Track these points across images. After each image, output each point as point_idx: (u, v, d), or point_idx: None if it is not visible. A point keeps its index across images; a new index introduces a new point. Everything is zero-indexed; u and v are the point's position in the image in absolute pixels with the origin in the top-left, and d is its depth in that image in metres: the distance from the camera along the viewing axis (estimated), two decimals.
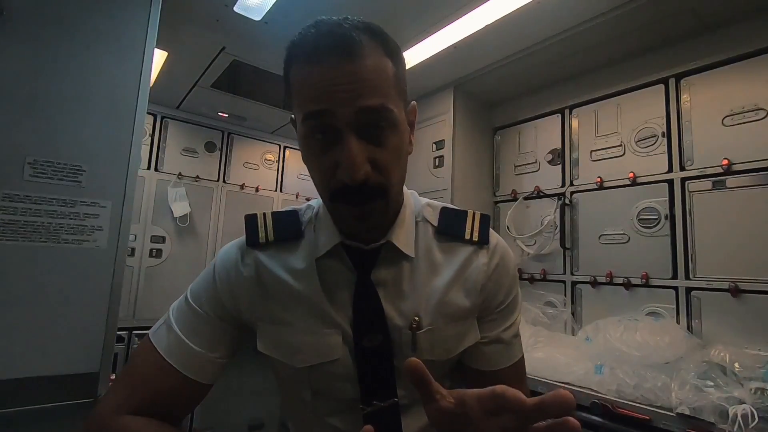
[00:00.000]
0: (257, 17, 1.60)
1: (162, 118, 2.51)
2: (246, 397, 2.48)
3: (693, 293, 1.51)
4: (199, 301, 0.63)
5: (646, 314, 1.58)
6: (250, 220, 0.65)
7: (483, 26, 1.60)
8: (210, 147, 2.69)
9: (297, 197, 3.03)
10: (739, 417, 1.01)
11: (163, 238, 2.44)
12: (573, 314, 1.83)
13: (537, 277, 1.98)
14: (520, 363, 0.68)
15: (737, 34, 1.48)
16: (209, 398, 0.65)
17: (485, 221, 0.66)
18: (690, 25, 1.54)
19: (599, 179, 1.80)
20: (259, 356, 0.64)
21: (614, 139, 1.79)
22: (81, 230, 1.14)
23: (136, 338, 2.25)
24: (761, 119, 1.41)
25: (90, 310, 1.14)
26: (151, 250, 2.39)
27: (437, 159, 2.14)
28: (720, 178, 1.48)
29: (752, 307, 1.37)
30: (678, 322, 1.51)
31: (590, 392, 1.32)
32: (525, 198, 2.10)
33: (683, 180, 1.57)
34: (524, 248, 2.04)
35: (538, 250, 1.98)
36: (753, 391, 1.09)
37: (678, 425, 1.12)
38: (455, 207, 0.68)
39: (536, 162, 2.09)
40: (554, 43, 1.67)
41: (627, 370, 1.29)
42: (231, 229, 2.68)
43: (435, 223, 0.66)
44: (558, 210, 1.92)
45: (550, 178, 2.01)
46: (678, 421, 1.12)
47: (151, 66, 1.28)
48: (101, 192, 1.17)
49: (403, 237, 0.62)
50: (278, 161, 2.98)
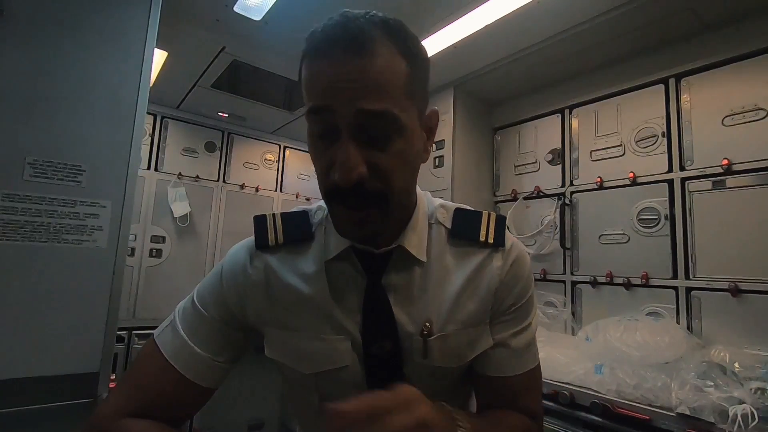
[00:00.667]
0: (257, 17, 1.60)
1: (162, 118, 2.52)
2: (246, 397, 2.48)
3: (693, 293, 1.51)
4: (206, 304, 0.62)
5: (646, 314, 1.58)
6: (260, 222, 0.63)
7: (483, 26, 1.60)
8: (210, 147, 2.69)
9: (297, 197, 3.03)
10: (739, 417, 1.01)
11: (163, 238, 2.44)
12: (573, 314, 1.83)
13: (537, 277, 1.98)
14: (533, 373, 0.63)
15: (737, 34, 1.48)
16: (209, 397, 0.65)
17: (501, 223, 0.63)
18: (690, 25, 1.54)
19: (599, 179, 1.80)
20: (261, 356, 0.64)
21: (614, 139, 1.79)
22: (81, 230, 1.13)
23: (136, 338, 2.26)
24: (761, 119, 1.41)
25: (90, 310, 1.14)
26: (151, 250, 2.39)
27: (437, 159, 2.14)
28: (720, 178, 1.48)
29: (752, 307, 1.37)
30: (678, 322, 1.51)
31: (590, 392, 1.32)
32: (525, 198, 2.10)
33: (683, 180, 1.57)
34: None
35: (538, 250, 1.98)
36: (753, 391, 1.09)
37: (678, 425, 1.12)
38: (470, 208, 0.65)
39: (536, 162, 2.09)
40: (554, 43, 1.67)
41: (627, 370, 1.29)
42: (231, 229, 2.68)
43: (448, 226, 0.63)
44: (558, 210, 1.92)
45: (550, 178, 2.01)
46: (678, 421, 1.12)
47: (151, 66, 1.28)
48: (101, 192, 1.17)
49: (416, 241, 0.60)
50: (278, 161, 2.98)
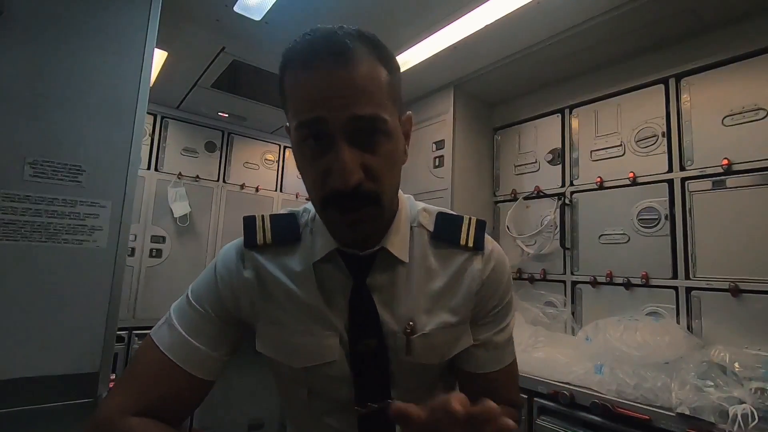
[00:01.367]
0: (257, 17, 1.61)
1: (162, 118, 2.52)
2: (246, 397, 2.48)
3: (693, 293, 1.50)
4: (200, 301, 0.64)
5: (646, 314, 1.58)
6: (249, 222, 0.66)
7: (483, 26, 1.60)
8: (210, 147, 2.69)
9: (297, 197, 3.03)
10: (739, 417, 1.01)
11: (163, 238, 2.44)
12: (573, 314, 1.83)
13: (537, 277, 1.98)
14: (512, 366, 0.69)
15: (737, 34, 1.48)
16: (209, 398, 0.65)
17: (480, 227, 0.66)
18: (690, 25, 1.54)
19: (599, 179, 1.80)
20: (259, 356, 0.64)
21: (614, 139, 1.79)
22: (81, 230, 1.13)
23: (136, 338, 2.26)
24: (761, 119, 1.41)
25: (90, 310, 1.14)
26: (151, 250, 2.39)
27: (437, 159, 2.14)
28: (720, 178, 1.48)
29: (752, 307, 1.37)
30: (678, 322, 1.51)
31: (590, 392, 1.32)
32: (525, 198, 2.10)
33: (683, 180, 1.57)
34: (524, 248, 2.04)
35: (538, 250, 1.98)
36: (753, 391, 1.09)
37: (678, 425, 1.12)
38: (452, 212, 0.68)
39: (536, 162, 2.09)
40: (554, 43, 1.67)
41: (627, 370, 1.29)
42: (231, 229, 2.68)
43: (431, 229, 0.66)
44: (558, 210, 1.92)
45: (550, 178, 2.01)
46: (678, 421, 1.12)
47: (151, 66, 1.28)
48: (101, 192, 1.17)
49: (398, 243, 0.62)
50: (278, 161, 2.98)
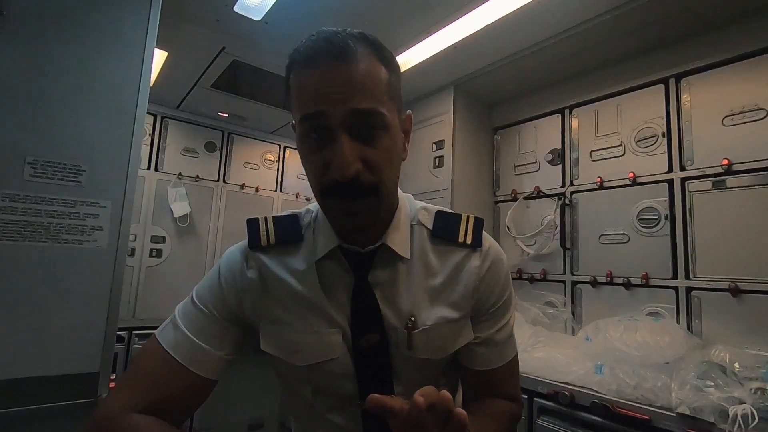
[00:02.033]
0: (257, 17, 1.60)
1: (162, 118, 2.52)
2: (246, 397, 2.48)
3: (693, 293, 1.51)
4: (205, 302, 0.64)
5: (646, 314, 1.58)
6: (252, 224, 0.67)
7: (483, 26, 1.60)
8: (210, 147, 2.69)
9: (297, 197, 3.03)
10: (739, 417, 1.01)
11: (163, 238, 2.44)
12: (573, 314, 1.83)
13: (537, 277, 1.98)
14: (513, 362, 0.70)
15: (737, 34, 1.48)
16: (209, 398, 0.66)
17: (478, 225, 0.67)
18: (690, 25, 1.54)
19: (599, 179, 1.80)
20: (259, 356, 0.65)
21: (614, 139, 1.79)
22: (81, 230, 1.13)
23: (136, 338, 2.26)
24: (761, 119, 1.41)
25: (90, 310, 1.14)
26: (151, 250, 2.39)
27: (437, 159, 2.14)
28: (720, 178, 1.48)
29: (752, 307, 1.37)
30: (678, 322, 1.51)
31: (590, 392, 1.31)
32: (525, 198, 2.10)
33: (683, 180, 1.57)
34: (524, 248, 2.04)
35: (538, 250, 1.98)
36: (753, 391, 1.09)
37: (678, 425, 1.12)
38: (450, 211, 0.70)
39: (536, 162, 2.09)
40: (554, 43, 1.67)
41: (627, 370, 1.29)
42: (231, 229, 2.68)
43: (430, 227, 0.68)
44: (558, 210, 1.92)
45: (550, 178, 2.01)
46: (678, 421, 1.12)
47: (151, 66, 1.27)
48: (101, 192, 1.17)
49: (398, 240, 0.64)
50: (278, 161, 2.99)
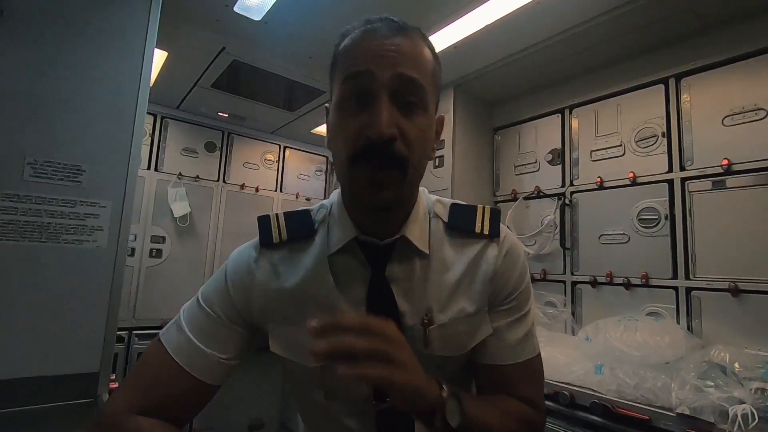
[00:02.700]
0: (257, 17, 1.60)
1: (162, 118, 2.52)
2: (246, 397, 2.48)
3: (693, 293, 1.51)
4: (210, 304, 0.63)
5: (646, 314, 1.58)
6: (263, 221, 0.66)
7: (483, 26, 1.60)
8: (210, 147, 2.69)
9: (297, 197, 3.03)
10: (739, 417, 1.01)
11: (163, 238, 2.44)
12: (573, 314, 1.83)
13: (537, 277, 1.98)
14: (532, 363, 0.65)
15: (737, 34, 1.48)
16: None
17: (495, 215, 0.66)
18: (690, 25, 1.54)
19: (599, 179, 1.80)
20: (260, 356, 0.64)
21: (614, 139, 1.79)
22: (81, 230, 1.14)
23: (136, 338, 2.26)
24: (761, 119, 1.41)
25: (90, 310, 1.14)
26: (151, 250, 2.39)
27: (437, 159, 2.14)
28: (720, 178, 1.48)
29: (752, 307, 1.37)
30: (678, 322, 1.51)
31: (590, 392, 1.31)
32: (525, 198, 2.10)
33: (683, 180, 1.57)
34: (524, 248, 2.04)
35: (538, 250, 1.98)
36: (753, 391, 1.08)
37: (678, 425, 1.12)
38: (465, 203, 0.69)
39: (536, 162, 2.09)
40: (554, 43, 1.67)
41: (627, 370, 1.29)
42: (231, 229, 2.68)
43: (446, 219, 0.66)
44: (558, 210, 1.92)
45: (550, 178, 2.01)
46: (678, 421, 1.12)
47: (151, 66, 1.28)
48: (101, 192, 1.17)
49: (417, 233, 0.62)
50: (278, 161, 2.99)
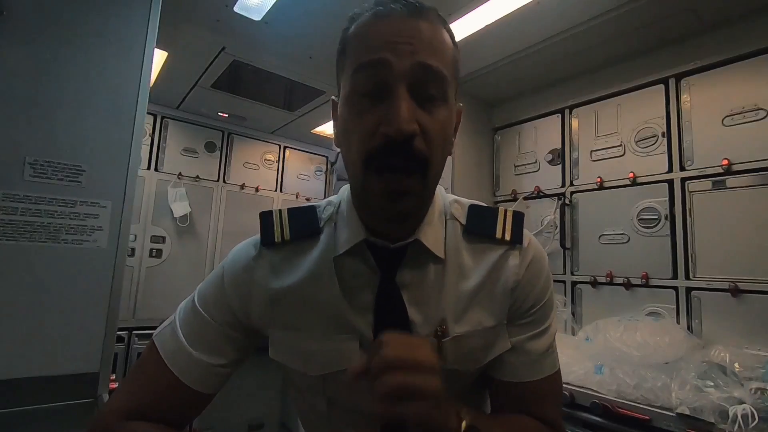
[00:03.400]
0: (257, 17, 1.60)
1: (162, 118, 2.52)
2: (246, 397, 2.48)
3: (693, 293, 1.50)
4: (206, 306, 0.60)
5: (646, 314, 1.58)
6: (265, 218, 0.60)
7: (483, 26, 1.60)
8: (210, 147, 2.69)
9: (297, 197, 3.03)
10: (739, 417, 1.01)
11: (163, 238, 2.44)
12: (573, 314, 1.83)
13: None
14: (552, 379, 0.59)
15: (737, 34, 1.48)
16: None
17: (518, 219, 0.60)
18: (690, 25, 1.54)
19: (599, 179, 1.80)
20: (260, 356, 0.62)
21: (614, 139, 1.79)
22: (81, 230, 1.13)
23: (136, 338, 2.26)
24: (761, 119, 1.41)
25: (90, 310, 1.14)
26: (151, 250, 2.39)
27: None
28: (720, 178, 1.48)
29: (752, 307, 1.37)
30: (678, 322, 1.51)
31: (590, 392, 1.32)
32: (525, 198, 2.10)
33: (683, 180, 1.57)
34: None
35: None
36: (753, 391, 1.08)
37: (678, 425, 1.12)
38: (484, 204, 0.62)
39: (536, 162, 2.09)
40: (554, 43, 1.67)
41: (627, 370, 1.29)
42: (231, 229, 2.68)
43: (463, 222, 0.60)
44: (558, 210, 1.92)
45: (550, 178, 2.01)
46: (678, 421, 1.12)
47: (151, 66, 1.28)
48: (101, 192, 1.17)
49: (432, 236, 0.57)
50: (278, 161, 2.98)
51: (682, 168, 1.58)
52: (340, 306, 0.56)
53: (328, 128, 2.74)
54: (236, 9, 1.56)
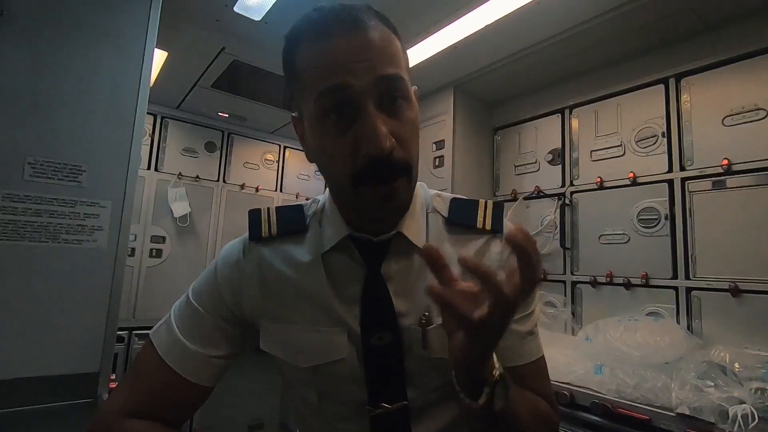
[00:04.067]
0: (257, 17, 1.61)
1: (162, 118, 2.52)
2: (246, 397, 2.48)
3: (693, 293, 1.50)
4: (200, 300, 0.62)
5: (646, 314, 1.58)
6: (254, 215, 0.64)
7: (483, 26, 1.60)
8: (210, 147, 2.69)
9: (297, 197, 3.03)
10: (739, 417, 1.01)
11: (163, 238, 2.44)
12: (573, 314, 1.83)
13: None
14: (540, 362, 0.63)
15: (737, 34, 1.48)
16: (209, 398, 0.65)
17: (498, 209, 0.63)
18: (690, 25, 1.54)
19: (599, 179, 1.80)
20: (260, 356, 0.63)
21: (614, 139, 1.79)
22: (81, 230, 1.14)
23: (136, 338, 2.26)
24: (761, 119, 1.41)
25: (90, 310, 1.14)
26: (151, 250, 2.39)
27: (437, 159, 2.14)
28: (720, 178, 1.48)
29: (752, 307, 1.37)
30: (678, 322, 1.51)
31: (590, 392, 1.31)
32: (525, 198, 2.10)
33: (683, 180, 1.57)
34: None
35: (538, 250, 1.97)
36: (753, 391, 1.09)
37: (678, 425, 1.12)
38: (465, 197, 0.65)
39: (536, 162, 2.09)
40: (554, 43, 1.67)
41: (627, 370, 1.29)
42: (231, 229, 2.68)
43: (445, 214, 0.63)
44: (558, 210, 1.92)
45: (550, 178, 2.01)
46: (678, 421, 1.12)
47: (151, 66, 1.28)
48: (101, 192, 1.17)
49: (414, 228, 0.59)
50: (278, 161, 2.98)
51: (682, 168, 1.58)
52: (329, 299, 0.58)
53: None
54: (236, 9, 1.56)
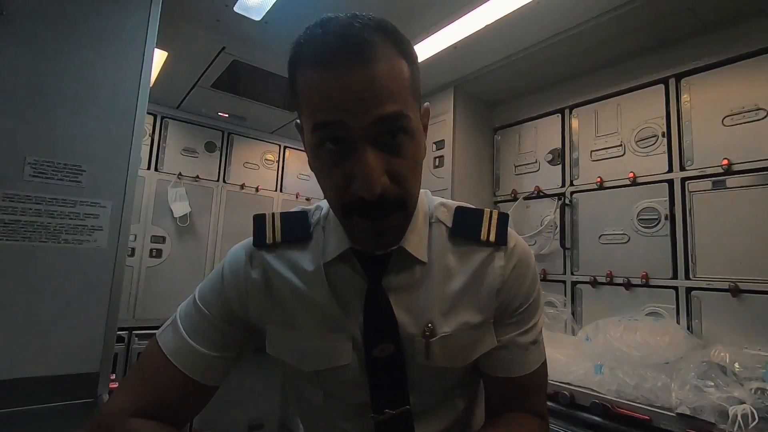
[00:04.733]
0: (257, 17, 1.61)
1: (162, 118, 2.52)
2: (246, 397, 2.48)
3: (693, 293, 1.50)
4: (207, 303, 0.62)
5: (646, 314, 1.58)
6: (258, 221, 0.63)
7: (483, 26, 1.60)
8: (210, 147, 2.69)
9: (297, 197, 3.03)
10: (739, 417, 1.01)
11: (163, 238, 2.44)
12: (573, 314, 1.83)
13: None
14: (540, 371, 0.63)
15: (737, 34, 1.48)
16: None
17: (503, 221, 0.61)
18: (690, 25, 1.54)
19: (599, 179, 1.80)
20: (260, 356, 0.64)
21: (614, 139, 1.79)
22: (81, 230, 1.14)
23: (136, 338, 2.26)
24: (761, 119, 1.41)
25: (90, 310, 1.14)
26: (151, 250, 2.39)
27: (437, 159, 2.14)
28: (720, 178, 1.48)
29: (752, 307, 1.37)
30: (678, 322, 1.51)
31: (590, 392, 1.31)
32: (525, 198, 2.10)
33: (683, 180, 1.57)
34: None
35: (538, 250, 1.98)
36: (753, 391, 1.09)
37: (678, 425, 1.12)
38: (471, 206, 0.64)
39: (536, 162, 2.09)
40: (554, 43, 1.67)
41: (627, 370, 1.29)
42: (231, 229, 2.68)
43: (449, 224, 0.62)
44: (558, 210, 1.92)
45: (550, 178, 2.01)
46: (678, 421, 1.12)
47: (151, 66, 1.28)
48: (101, 192, 1.17)
49: (416, 241, 0.59)
50: (278, 161, 2.99)
51: (682, 168, 1.58)
52: (332, 308, 0.58)
53: None
54: (236, 9, 1.56)
